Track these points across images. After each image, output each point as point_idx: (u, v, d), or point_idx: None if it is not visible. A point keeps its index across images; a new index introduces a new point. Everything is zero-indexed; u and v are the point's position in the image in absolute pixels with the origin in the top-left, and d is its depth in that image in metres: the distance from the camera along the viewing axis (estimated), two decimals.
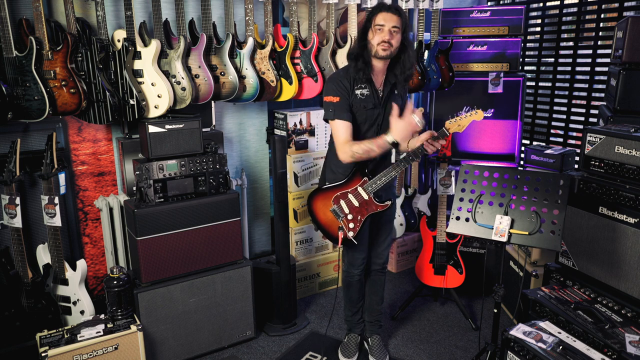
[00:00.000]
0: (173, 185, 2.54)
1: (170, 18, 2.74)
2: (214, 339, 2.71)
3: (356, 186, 2.33)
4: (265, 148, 3.38)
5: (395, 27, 2.22)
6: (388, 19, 2.21)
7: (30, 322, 2.40)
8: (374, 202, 2.33)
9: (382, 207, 2.33)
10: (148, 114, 2.55)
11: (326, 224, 2.41)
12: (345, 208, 2.34)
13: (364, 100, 2.31)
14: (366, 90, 2.31)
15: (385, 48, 2.23)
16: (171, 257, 2.54)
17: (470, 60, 3.57)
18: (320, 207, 2.41)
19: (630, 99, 2.54)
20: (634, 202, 2.19)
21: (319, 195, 2.42)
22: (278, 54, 2.95)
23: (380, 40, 2.22)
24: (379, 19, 2.23)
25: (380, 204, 2.33)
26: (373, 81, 2.33)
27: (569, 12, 3.61)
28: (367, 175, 2.32)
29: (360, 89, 2.31)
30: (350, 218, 2.34)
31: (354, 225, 2.34)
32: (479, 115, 2.22)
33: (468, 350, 2.77)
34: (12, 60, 2.23)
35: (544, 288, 2.44)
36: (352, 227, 2.34)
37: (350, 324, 2.74)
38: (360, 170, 2.33)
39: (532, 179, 2.10)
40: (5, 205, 2.36)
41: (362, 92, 2.31)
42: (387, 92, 2.36)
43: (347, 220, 2.34)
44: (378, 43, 2.23)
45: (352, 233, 2.34)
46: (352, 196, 2.33)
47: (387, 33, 2.21)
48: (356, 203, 2.33)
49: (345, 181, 2.35)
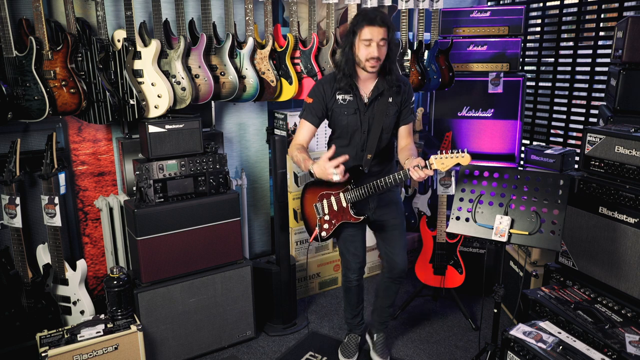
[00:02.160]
0: (173, 185, 2.53)
1: (170, 18, 2.74)
2: (214, 339, 2.71)
3: (339, 191, 2.33)
4: (265, 148, 3.38)
5: (382, 39, 2.16)
6: (375, 33, 2.14)
7: (30, 322, 2.40)
8: (350, 212, 2.32)
9: (354, 220, 2.32)
10: (148, 114, 2.55)
11: (308, 216, 2.48)
12: (326, 208, 2.38)
13: (345, 106, 2.31)
14: (349, 96, 2.30)
15: (374, 65, 2.19)
16: (171, 257, 2.54)
17: (470, 60, 3.57)
18: (308, 199, 2.46)
19: (630, 99, 2.54)
20: (634, 202, 2.19)
21: (311, 187, 2.45)
22: (278, 54, 2.95)
23: (368, 56, 2.17)
24: (365, 33, 2.15)
25: (354, 216, 2.32)
26: (358, 88, 2.31)
27: (569, 12, 3.61)
28: (351, 182, 2.30)
29: (342, 93, 2.30)
30: (326, 219, 2.38)
31: (328, 226, 2.38)
32: (466, 160, 2.08)
33: (468, 350, 2.77)
34: (12, 60, 2.23)
35: (544, 288, 2.44)
36: (325, 228, 2.39)
37: (350, 325, 2.74)
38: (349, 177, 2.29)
39: (532, 179, 2.10)
40: (5, 205, 2.36)
41: (343, 97, 2.30)
42: (374, 98, 2.30)
43: (324, 220, 2.38)
44: (366, 59, 2.18)
45: (324, 233, 2.39)
46: (334, 199, 2.35)
47: (375, 49, 2.15)
48: (335, 207, 2.34)
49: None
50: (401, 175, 2.19)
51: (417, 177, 2.09)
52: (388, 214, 2.46)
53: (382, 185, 2.23)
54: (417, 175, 2.09)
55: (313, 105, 2.32)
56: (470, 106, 3.59)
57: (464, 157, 2.07)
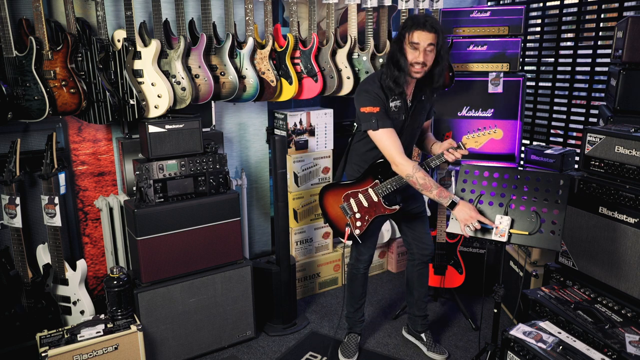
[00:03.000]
0: (173, 185, 2.54)
1: (170, 18, 2.74)
2: (214, 339, 2.71)
3: (367, 187, 2.36)
4: (265, 148, 3.38)
5: (431, 44, 2.15)
6: (424, 37, 2.13)
7: (30, 322, 2.40)
8: (383, 204, 2.35)
9: (390, 211, 2.35)
10: (148, 114, 2.55)
11: (335, 219, 2.47)
12: (354, 207, 2.39)
13: (397, 112, 2.31)
14: (398, 102, 2.30)
15: (418, 70, 2.18)
16: (171, 257, 2.54)
17: (470, 60, 3.56)
18: (330, 203, 2.47)
19: (630, 99, 2.54)
20: (634, 202, 2.19)
21: (331, 190, 2.47)
22: (278, 54, 2.95)
23: (414, 60, 2.16)
24: (414, 37, 2.14)
25: (388, 208, 2.35)
26: (405, 93, 2.31)
27: (569, 12, 3.61)
28: (378, 178, 2.34)
29: (394, 100, 2.29)
30: (358, 217, 2.39)
31: (361, 224, 2.39)
32: (499, 134, 2.17)
33: (468, 350, 2.77)
34: (12, 60, 2.24)
35: (544, 288, 2.44)
36: (359, 226, 2.39)
37: (351, 322, 2.74)
38: (372, 172, 2.36)
39: (532, 179, 2.10)
40: (5, 205, 2.36)
41: (395, 105, 2.29)
42: (416, 103, 2.35)
43: (355, 218, 2.39)
44: (411, 63, 2.17)
45: (358, 231, 2.39)
46: (362, 196, 2.37)
47: (422, 53, 2.14)
48: (365, 203, 2.36)
49: (356, 181, 2.40)
50: (436, 160, 2.25)
51: (452, 158, 2.20)
52: (413, 203, 2.55)
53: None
54: (452, 157, 2.20)
55: (381, 112, 2.24)
56: (470, 106, 3.59)
57: (496, 132, 2.17)
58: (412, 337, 2.82)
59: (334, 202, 2.45)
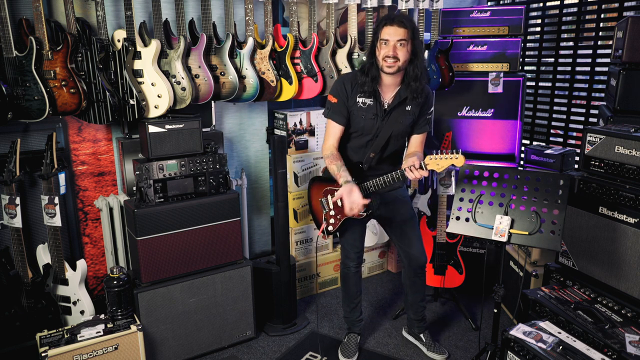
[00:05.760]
0: (173, 185, 2.53)
1: (170, 18, 2.74)
2: (214, 339, 2.71)
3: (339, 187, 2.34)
4: (265, 148, 3.38)
5: (401, 40, 2.16)
6: (393, 32, 2.16)
7: (30, 322, 2.40)
8: None
9: (357, 216, 2.31)
10: (148, 114, 2.55)
11: (315, 211, 2.53)
12: (330, 204, 2.41)
13: (364, 110, 2.31)
14: (369, 100, 2.30)
15: (390, 65, 2.19)
16: (171, 257, 2.53)
17: (470, 60, 3.57)
18: (314, 194, 2.52)
19: (630, 99, 2.54)
20: (634, 202, 2.19)
21: (317, 183, 2.52)
22: (278, 54, 2.95)
23: (384, 55, 2.18)
24: (384, 33, 2.18)
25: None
26: (380, 93, 2.31)
27: (569, 12, 3.61)
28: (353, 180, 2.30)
29: (363, 97, 2.30)
30: (332, 214, 2.41)
31: (334, 221, 2.41)
32: (460, 161, 2.08)
33: (468, 350, 2.77)
34: (12, 60, 2.23)
35: (544, 288, 2.44)
36: (332, 223, 2.42)
37: (349, 321, 2.74)
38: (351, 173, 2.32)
39: (532, 179, 2.10)
40: (5, 205, 2.36)
41: (364, 101, 2.30)
42: (394, 105, 2.31)
43: (329, 215, 2.41)
44: (383, 58, 2.19)
45: (331, 227, 2.42)
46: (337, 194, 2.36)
47: (391, 48, 2.16)
48: (339, 203, 2.34)
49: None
50: (398, 175, 2.22)
51: (412, 177, 2.14)
52: (394, 210, 2.51)
53: (380, 183, 2.27)
54: (412, 175, 2.14)
55: (338, 105, 2.33)
56: (470, 106, 3.59)
57: (458, 159, 2.08)
58: (412, 337, 2.82)
59: (317, 195, 2.48)
